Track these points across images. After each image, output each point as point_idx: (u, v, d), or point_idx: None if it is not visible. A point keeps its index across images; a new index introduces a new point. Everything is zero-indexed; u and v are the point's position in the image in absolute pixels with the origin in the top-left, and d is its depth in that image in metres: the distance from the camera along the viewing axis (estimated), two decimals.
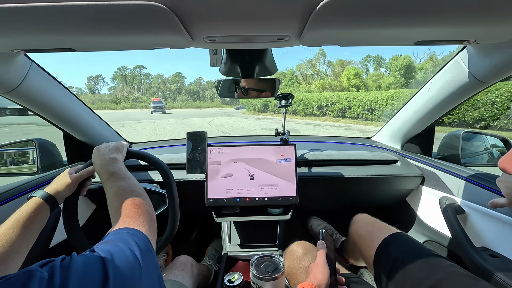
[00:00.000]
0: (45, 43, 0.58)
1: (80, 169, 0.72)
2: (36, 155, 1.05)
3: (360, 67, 43.82)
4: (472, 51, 0.77)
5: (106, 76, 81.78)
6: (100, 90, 73.39)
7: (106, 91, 71.44)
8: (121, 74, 72.18)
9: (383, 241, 0.77)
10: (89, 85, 74.05)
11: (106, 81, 75.42)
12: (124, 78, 70.99)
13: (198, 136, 0.95)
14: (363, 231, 0.88)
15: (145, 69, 74.77)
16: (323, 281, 0.54)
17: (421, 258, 0.66)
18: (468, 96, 0.91)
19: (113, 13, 0.44)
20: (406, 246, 0.73)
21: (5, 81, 0.73)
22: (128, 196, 0.53)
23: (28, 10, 0.41)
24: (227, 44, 0.64)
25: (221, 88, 0.86)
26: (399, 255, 0.70)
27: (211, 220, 1.00)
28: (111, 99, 61.61)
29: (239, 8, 0.44)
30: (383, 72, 41.84)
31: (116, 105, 56.21)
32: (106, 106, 55.04)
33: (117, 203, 0.52)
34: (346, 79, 31.99)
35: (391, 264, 0.69)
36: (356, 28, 0.51)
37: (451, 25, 0.50)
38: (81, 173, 0.70)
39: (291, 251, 0.87)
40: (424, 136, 1.20)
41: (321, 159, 1.13)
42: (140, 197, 0.54)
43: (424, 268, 0.63)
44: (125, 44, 0.59)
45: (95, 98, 61.63)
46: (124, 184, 0.57)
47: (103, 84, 74.60)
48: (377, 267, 0.75)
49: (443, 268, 0.61)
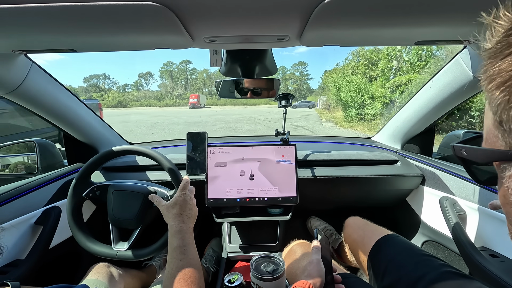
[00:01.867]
0: (45, 44, 0.58)
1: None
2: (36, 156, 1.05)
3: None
4: (472, 51, 0.77)
5: (156, 72, 76.61)
6: (149, 86, 70.34)
7: (157, 88, 67.65)
8: (167, 69, 68.63)
9: (375, 244, 0.77)
10: (136, 82, 71.53)
11: (155, 77, 71.78)
12: (170, 74, 67.75)
13: (198, 136, 0.95)
14: (355, 235, 0.88)
15: (190, 64, 69.09)
16: (318, 278, 0.54)
17: (413, 259, 0.66)
18: (468, 96, 0.91)
19: (113, 13, 0.44)
20: (398, 248, 0.73)
21: (5, 81, 0.73)
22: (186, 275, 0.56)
23: (28, 11, 0.42)
24: (228, 44, 0.64)
25: (221, 89, 0.86)
26: (391, 257, 0.71)
27: (211, 220, 1.00)
28: (155, 96, 59.10)
29: (239, 8, 0.44)
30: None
31: (159, 102, 53.33)
32: (148, 103, 51.69)
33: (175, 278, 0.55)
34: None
35: (384, 267, 0.69)
36: (356, 28, 0.51)
37: (452, 25, 0.50)
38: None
39: (291, 251, 0.87)
40: (424, 136, 1.20)
41: (321, 159, 1.13)
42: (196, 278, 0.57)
43: (417, 269, 0.63)
44: (125, 44, 0.59)
45: (139, 95, 58.58)
46: (187, 262, 0.58)
47: (152, 81, 71.30)
48: (371, 271, 0.75)
49: (435, 268, 0.61)
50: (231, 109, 27.96)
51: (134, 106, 49.02)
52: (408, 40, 0.60)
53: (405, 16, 0.46)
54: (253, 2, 0.42)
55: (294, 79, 67.10)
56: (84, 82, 67.55)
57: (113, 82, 69.51)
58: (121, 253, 0.76)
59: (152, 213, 0.81)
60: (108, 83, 68.27)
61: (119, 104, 50.33)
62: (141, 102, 52.37)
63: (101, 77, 68.07)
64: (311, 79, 68.07)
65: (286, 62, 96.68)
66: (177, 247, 0.60)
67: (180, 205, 0.67)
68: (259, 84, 0.85)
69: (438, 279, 0.58)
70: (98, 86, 66.28)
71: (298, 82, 66.38)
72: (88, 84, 66.62)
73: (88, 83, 67.00)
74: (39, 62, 0.81)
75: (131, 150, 0.83)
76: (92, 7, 0.41)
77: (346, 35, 0.56)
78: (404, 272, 0.64)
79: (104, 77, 68.30)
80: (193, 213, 0.69)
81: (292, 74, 67.35)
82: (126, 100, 53.55)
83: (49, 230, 0.82)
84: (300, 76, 66.68)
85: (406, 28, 0.51)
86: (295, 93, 60.87)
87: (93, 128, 1.13)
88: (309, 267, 0.57)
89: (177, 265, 0.57)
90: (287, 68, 68.58)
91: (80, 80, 75.59)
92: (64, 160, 1.17)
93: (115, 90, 64.34)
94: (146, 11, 0.43)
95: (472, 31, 0.54)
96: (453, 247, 0.91)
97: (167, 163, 0.79)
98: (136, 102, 52.45)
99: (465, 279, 0.56)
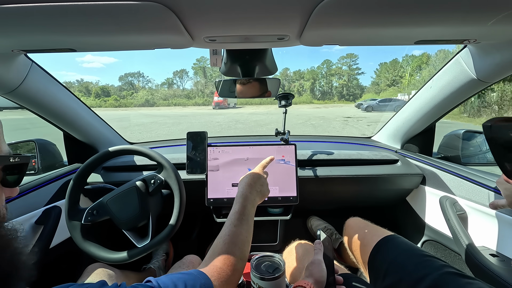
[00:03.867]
0: (45, 43, 0.58)
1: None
2: (36, 156, 1.05)
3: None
4: (472, 51, 0.77)
5: (190, 70, 71.27)
6: (184, 85, 66.19)
7: (192, 86, 63.00)
8: (200, 66, 63.75)
9: (376, 245, 0.77)
10: (168, 80, 67.41)
11: (190, 75, 67.17)
12: (203, 70, 62.74)
13: (198, 136, 0.95)
14: (356, 236, 0.88)
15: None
16: (320, 279, 0.53)
17: (414, 260, 0.66)
18: (468, 96, 0.91)
19: (113, 13, 0.44)
20: (398, 249, 0.73)
21: (5, 81, 0.73)
22: (234, 251, 0.53)
23: (28, 11, 0.42)
24: (227, 44, 0.64)
25: (221, 88, 0.86)
26: (392, 258, 0.70)
27: (211, 220, 1.00)
28: (185, 94, 56.14)
29: (239, 8, 0.44)
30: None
31: (188, 100, 49.92)
32: (177, 102, 48.17)
33: (221, 251, 0.53)
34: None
35: (385, 268, 0.69)
36: (356, 27, 0.51)
37: (452, 25, 0.50)
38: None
39: (291, 251, 0.87)
40: (424, 135, 1.20)
41: (321, 158, 1.13)
42: (240, 258, 0.54)
43: (418, 270, 0.63)
44: (125, 44, 0.59)
45: (167, 93, 55.20)
46: (243, 231, 0.58)
47: (187, 79, 66.53)
48: (371, 272, 0.75)
49: (436, 269, 0.61)
50: (266, 110, 21.27)
51: (162, 105, 46.63)
52: (408, 39, 0.60)
53: (405, 15, 0.46)
54: (253, 2, 0.42)
55: (341, 74, 57.38)
56: (120, 80, 65.84)
57: (147, 80, 67.45)
58: (143, 247, 0.76)
59: (157, 202, 0.82)
60: (142, 81, 66.32)
61: (146, 103, 48.16)
62: (169, 101, 49.56)
63: (135, 75, 66.30)
64: (361, 73, 57.63)
65: (332, 56, 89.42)
66: (236, 213, 0.61)
67: (254, 177, 0.68)
68: (259, 83, 0.85)
69: (439, 280, 0.58)
70: (132, 84, 64.62)
71: (345, 78, 56.61)
72: (124, 82, 64.95)
73: (124, 81, 65.44)
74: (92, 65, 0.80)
75: (128, 150, 0.83)
76: (92, 6, 0.41)
77: (346, 35, 0.56)
78: (405, 273, 0.64)
79: (138, 75, 66.34)
80: (263, 190, 0.70)
81: (338, 69, 57.70)
82: (154, 99, 51.41)
83: (49, 229, 0.82)
84: (349, 70, 56.94)
85: (406, 27, 0.51)
86: (342, 90, 54.92)
87: (93, 128, 1.13)
88: (311, 267, 0.57)
89: (230, 230, 0.57)
90: (332, 62, 59.56)
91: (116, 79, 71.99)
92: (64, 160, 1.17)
93: (146, 89, 62.12)
94: (146, 11, 0.43)
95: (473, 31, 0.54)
96: (453, 247, 0.91)
97: (165, 162, 0.80)
98: (164, 101, 49.86)
99: (466, 279, 0.56)
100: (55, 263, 0.91)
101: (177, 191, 0.79)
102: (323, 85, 57.42)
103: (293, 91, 57.09)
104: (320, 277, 0.54)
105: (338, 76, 57.34)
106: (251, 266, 0.66)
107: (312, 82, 57.26)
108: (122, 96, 55.50)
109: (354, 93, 53.98)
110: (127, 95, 55.56)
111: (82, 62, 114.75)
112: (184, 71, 67.34)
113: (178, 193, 0.79)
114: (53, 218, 0.85)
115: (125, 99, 53.35)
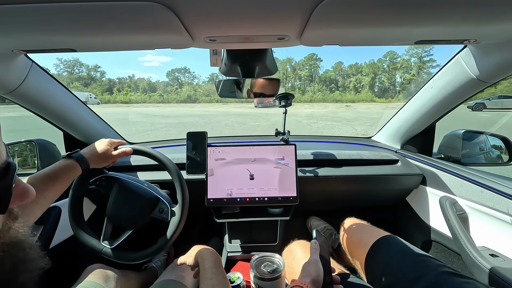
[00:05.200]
0: (45, 43, 0.58)
1: (116, 145, 0.76)
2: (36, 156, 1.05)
3: None
4: (472, 51, 0.77)
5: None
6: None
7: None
8: None
9: (372, 246, 0.77)
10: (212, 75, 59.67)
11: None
12: None
13: (198, 136, 0.95)
14: (352, 237, 0.88)
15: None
16: (316, 278, 0.53)
17: (410, 260, 0.66)
18: (468, 96, 0.91)
19: (114, 13, 0.44)
20: (395, 249, 0.73)
21: (5, 81, 0.73)
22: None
23: (28, 11, 0.42)
24: (228, 44, 0.64)
25: (221, 89, 0.86)
26: (388, 259, 0.70)
27: (211, 220, 1.00)
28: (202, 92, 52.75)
29: (239, 8, 0.44)
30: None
31: (206, 97, 47.40)
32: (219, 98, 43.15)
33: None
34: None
35: (381, 269, 0.69)
36: (356, 28, 0.51)
37: (452, 24, 0.50)
38: (120, 152, 0.74)
39: (291, 251, 0.87)
40: (424, 135, 1.20)
41: (321, 159, 1.13)
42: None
43: (414, 270, 0.63)
44: (125, 44, 0.59)
45: (210, 89, 49.99)
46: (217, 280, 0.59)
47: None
48: (368, 273, 0.75)
49: (433, 269, 0.61)
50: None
51: (204, 101, 44.12)
52: (408, 39, 0.60)
53: (405, 15, 0.46)
54: (253, 2, 0.42)
55: (408, 68, 48.86)
56: (167, 76, 66.16)
57: (193, 76, 67.60)
58: (106, 250, 0.75)
59: (148, 219, 0.80)
60: (188, 77, 66.28)
61: (188, 99, 46.65)
62: (212, 97, 45.72)
63: (182, 71, 66.52)
64: (436, 66, 43.90)
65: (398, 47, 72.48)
66: (209, 268, 0.63)
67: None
68: (260, 83, 0.85)
69: (435, 279, 0.58)
70: (178, 79, 64.58)
71: (414, 71, 47.86)
72: (171, 78, 65.16)
73: (171, 77, 65.62)
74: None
75: (139, 150, 0.82)
76: (93, 6, 0.41)
77: (346, 35, 0.56)
78: (402, 273, 0.64)
79: (184, 71, 66.50)
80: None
81: (404, 61, 49.42)
82: (197, 95, 49.57)
83: (49, 229, 0.82)
84: (419, 62, 47.83)
85: (406, 27, 0.51)
86: (409, 85, 46.44)
87: (93, 128, 1.13)
88: (307, 267, 0.57)
89: (207, 283, 0.59)
90: (397, 54, 50.27)
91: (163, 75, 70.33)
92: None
93: (193, 84, 60.88)
94: (146, 11, 0.43)
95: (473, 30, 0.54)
96: (453, 247, 0.91)
97: (170, 164, 0.79)
98: (206, 97, 47.35)
99: (462, 279, 0.56)
100: (55, 264, 0.91)
101: (181, 212, 0.77)
102: (383, 80, 49.85)
103: (349, 87, 51.02)
104: (316, 277, 0.54)
105: (403, 71, 49.22)
106: (251, 266, 0.66)
107: (372, 77, 49.36)
108: (167, 92, 54.70)
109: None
110: (171, 90, 54.64)
111: (143, 61, 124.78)
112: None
113: (181, 215, 0.76)
114: (53, 218, 0.85)
115: (169, 94, 52.47)
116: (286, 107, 1.06)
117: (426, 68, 47.13)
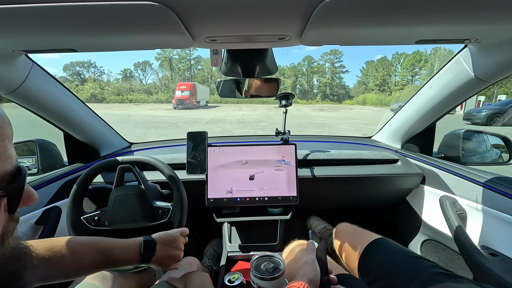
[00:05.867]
0: (46, 44, 0.58)
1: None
2: (36, 156, 1.05)
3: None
4: (473, 50, 0.77)
5: (155, 62, 59.36)
6: (147, 79, 56.10)
7: (157, 81, 53.92)
8: (165, 56, 53.38)
9: (364, 250, 0.77)
10: (125, 71, 56.57)
11: (155, 67, 56.82)
12: (169, 62, 54.00)
13: (198, 136, 0.95)
14: (345, 242, 0.88)
15: (195, 50, 50.00)
16: (313, 278, 0.53)
17: (403, 262, 0.67)
18: (469, 95, 0.91)
19: (114, 13, 0.44)
20: (387, 252, 0.73)
21: (6, 82, 0.73)
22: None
23: (29, 11, 0.41)
24: (228, 44, 0.64)
25: (221, 88, 0.86)
26: (381, 262, 0.71)
27: (211, 220, 1.00)
28: (145, 89, 47.32)
29: (239, 7, 0.44)
30: None
31: (148, 96, 42.32)
32: (133, 98, 40.04)
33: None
34: None
35: (375, 272, 0.70)
36: (357, 27, 0.51)
37: (452, 24, 0.50)
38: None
39: (291, 250, 0.87)
40: (424, 135, 1.20)
41: (321, 158, 1.13)
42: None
43: (407, 272, 0.63)
44: (125, 44, 0.59)
45: (121, 87, 46.36)
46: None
47: (151, 72, 55.94)
48: (363, 277, 0.75)
49: (425, 270, 0.61)
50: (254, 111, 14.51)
51: (113, 101, 38.70)
52: (409, 39, 0.60)
53: (406, 15, 0.46)
54: (253, 2, 0.42)
55: (323, 73, 52.05)
56: (65, 70, 52.70)
57: (101, 71, 55.77)
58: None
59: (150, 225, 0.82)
60: (95, 73, 54.63)
61: (92, 99, 39.56)
62: (124, 96, 41.15)
63: (85, 65, 53.39)
64: (346, 72, 51.64)
65: (314, 52, 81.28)
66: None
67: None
68: (260, 83, 0.85)
69: (428, 280, 0.58)
70: (80, 75, 52.23)
71: (329, 76, 51.11)
72: (70, 73, 52.41)
73: (70, 71, 52.52)
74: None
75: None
76: (93, 7, 0.41)
77: (347, 34, 0.56)
78: (395, 275, 0.65)
79: (88, 65, 53.80)
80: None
81: (320, 66, 52.41)
82: (104, 94, 42.47)
83: (49, 230, 0.82)
84: (332, 67, 51.39)
85: (407, 27, 0.51)
86: (326, 89, 50.34)
87: (93, 128, 1.13)
88: (304, 267, 0.57)
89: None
90: (314, 59, 53.76)
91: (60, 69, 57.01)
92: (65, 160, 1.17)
93: (98, 81, 50.45)
94: (147, 11, 0.43)
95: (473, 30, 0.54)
96: (453, 246, 0.92)
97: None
98: (117, 96, 41.61)
99: (455, 279, 0.57)
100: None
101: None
102: (303, 83, 53.07)
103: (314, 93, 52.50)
104: (313, 277, 0.53)
105: (319, 74, 52.59)
106: (251, 266, 0.66)
107: (294, 80, 52.68)
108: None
109: (338, 93, 50.34)
110: (69, 87, 48.19)
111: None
112: (147, 63, 57.12)
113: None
114: (53, 219, 0.85)
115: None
116: (286, 107, 1.06)
117: (338, 73, 52.06)
